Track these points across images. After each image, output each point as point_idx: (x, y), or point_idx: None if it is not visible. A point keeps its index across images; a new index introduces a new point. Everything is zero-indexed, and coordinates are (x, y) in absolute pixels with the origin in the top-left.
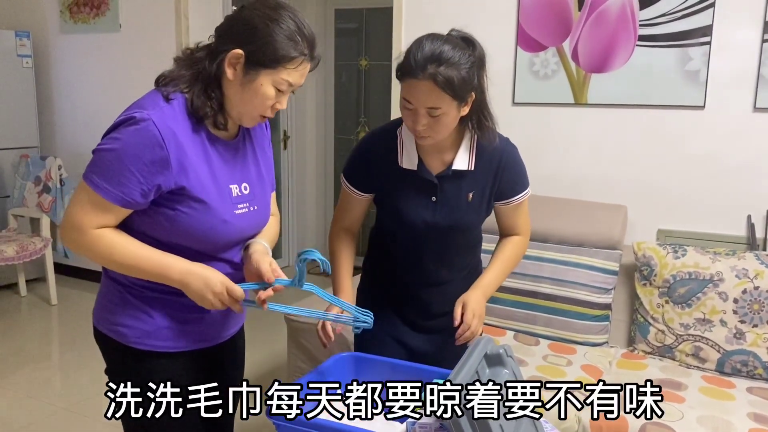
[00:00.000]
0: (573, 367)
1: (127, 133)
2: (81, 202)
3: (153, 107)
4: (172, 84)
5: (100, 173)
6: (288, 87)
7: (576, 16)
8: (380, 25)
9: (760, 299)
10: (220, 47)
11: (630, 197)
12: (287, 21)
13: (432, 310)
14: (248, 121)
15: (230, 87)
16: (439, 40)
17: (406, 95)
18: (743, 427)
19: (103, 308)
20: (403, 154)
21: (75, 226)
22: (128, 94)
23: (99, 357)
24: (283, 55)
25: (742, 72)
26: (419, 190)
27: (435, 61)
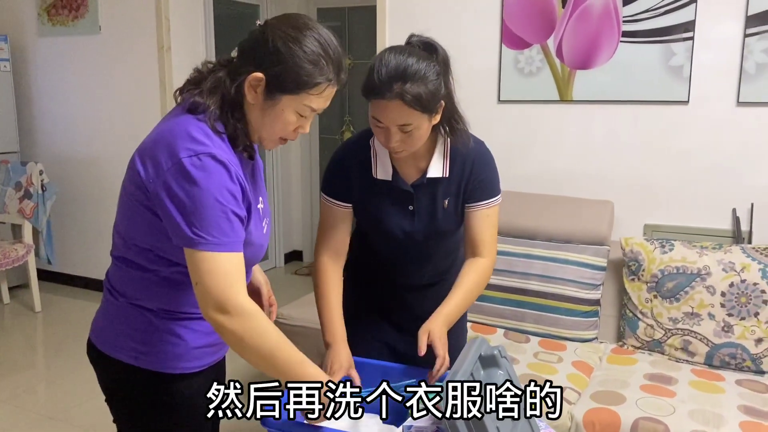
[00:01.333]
0: (564, 364)
1: (207, 177)
2: (216, 274)
3: (211, 143)
4: (207, 113)
5: (213, 229)
6: (311, 112)
7: (560, 13)
8: (363, 24)
9: (747, 292)
10: (241, 68)
11: (616, 193)
12: (311, 43)
13: (416, 312)
14: (269, 144)
15: (251, 110)
16: (401, 53)
17: (375, 114)
18: (734, 421)
19: (120, 334)
20: (377, 165)
21: (234, 306)
22: (109, 97)
23: (84, 365)
24: (306, 80)
25: (725, 67)
26: (396, 199)
27: (400, 79)
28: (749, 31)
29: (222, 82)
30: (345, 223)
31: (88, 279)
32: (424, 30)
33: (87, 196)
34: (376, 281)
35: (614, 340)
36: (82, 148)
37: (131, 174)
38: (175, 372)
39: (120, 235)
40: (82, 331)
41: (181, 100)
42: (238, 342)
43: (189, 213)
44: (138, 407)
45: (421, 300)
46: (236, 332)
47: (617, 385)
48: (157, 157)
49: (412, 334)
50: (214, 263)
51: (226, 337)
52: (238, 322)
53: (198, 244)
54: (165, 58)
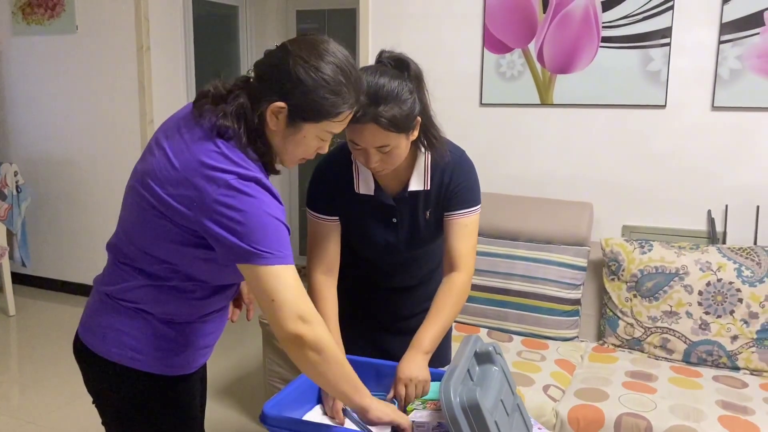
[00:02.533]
0: (547, 362)
1: (257, 195)
2: (292, 287)
3: (251, 167)
4: (237, 139)
5: (275, 243)
6: (331, 136)
7: (541, 18)
8: (343, 27)
9: (723, 291)
10: (262, 95)
11: (595, 194)
12: (332, 70)
13: (401, 312)
14: (290, 164)
15: (273, 136)
16: (373, 74)
17: (351, 138)
18: (713, 415)
19: (116, 337)
20: (359, 180)
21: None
22: (86, 97)
23: (60, 370)
24: (329, 111)
25: (701, 72)
26: (379, 213)
27: (374, 103)
28: (723, 38)
29: (245, 108)
30: (334, 237)
31: (63, 282)
32: (407, 34)
33: (63, 198)
34: (363, 285)
35: (595, 339)
36: (58, 149)
37: (152, 192)
38: (170, 374)
39: (133, 245)
40: (57, 335)
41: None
42: (317, 352)
43: (247, 231)
44: (130, 409)
45: (407, 300)
46: (318, 342)
47: (600, 383)
48: (196, 182)
49: (399, 332)
50: (281, 277)
51: (304, 351)
52: (320, 330)
53: (264, 258)
54: (144, 59)
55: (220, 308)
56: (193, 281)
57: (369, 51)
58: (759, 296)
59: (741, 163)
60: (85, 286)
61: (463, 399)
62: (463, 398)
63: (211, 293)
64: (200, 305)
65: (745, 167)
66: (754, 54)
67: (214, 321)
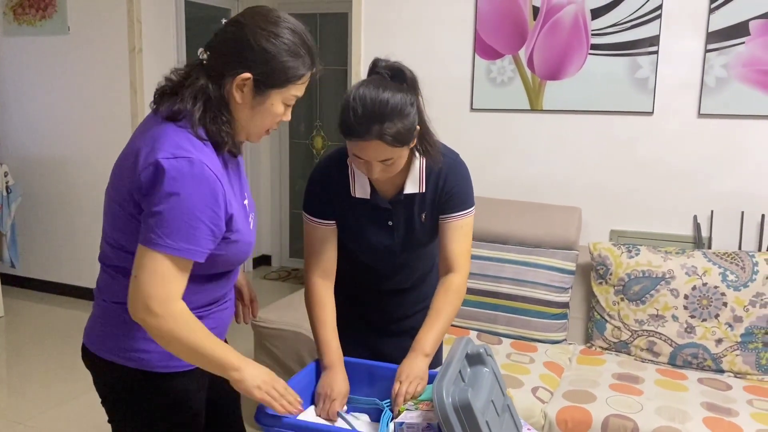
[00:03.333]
0: (536, 365)
1: (186, 185)
2: (158, 273)
3: (194, 148)
4: (188, 119)
5: (174, 236)
6: (295, 99)
7: (531, 25)
8: (334, 30)
9: (708, 295)
10: (224, 70)
11: (583, 199)
12: (289, 35)
13: (394, 314)
14: (255, 137)
15: (240, 110)
16: (375, 88)
17: (355, 152)
18: (698, 416)
19: (111, 336)
20: (355, 184)
21: (159, 301)
22: (77, 98)
23: (48, 371)
24: (293, 74)
25: (687, 80)
26: (375, 216)
27: (377, 120)
28: (710, 47)
29: (205, 88)
30: (331, 241)
31: (53, 283)
32: (398, 39)
33: (53, 199)
34: (357, 287)
35: (583, 342)
36: (48, 150)
37: (115, 183)
38: (163, 371)
39: (108, 242)
40: (46, 337)
41: (159, 109)
42: (160, 339)
43: (159, 214)
44: (128, 406)
45: (401, 302)
46: (160, 332)
47: (587, 385)
48: (137, 165)
49: (392, 334)
50: (159, 263)
51: (164, 335)
52: (165, 323)
53: (153, 244)
54: (136, 61)
55: (215, 301)
56: None
57: (361, 55)
58: (743, 300)
59: (726, 170)
60: (74, 287)
61: (455, 399)
62: (455, 399)
63: (197, 283)
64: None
65: (731, 174)
66: (740, 63)
67: (212, 317)
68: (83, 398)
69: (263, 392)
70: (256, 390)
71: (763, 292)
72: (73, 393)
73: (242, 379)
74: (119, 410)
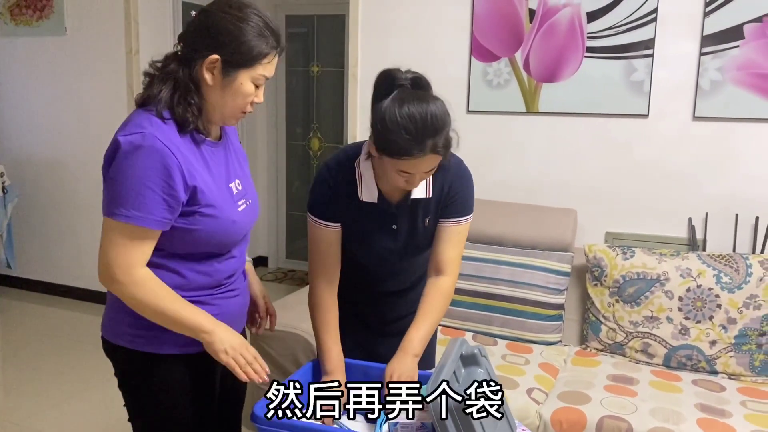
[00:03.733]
0: (531, 366)
1: (136, 157)
2: (114, 242)
3: (151, 125)
4: (155, 103)
5: (126, 204)
6: (264, 80)
7: (527, 28)
8: (331, 32)
9: (703, 297)
10: (194, 55)
11: (579, 201)
12: (254, 18)
13: (391, 315)
14: (231, 120)
15: (211, 92)
16: (416, 102)
17: (405, 169)
18: (692, 417)
19: (115, 321)
20: (362, 188)
21: (120, 269)
22: (74, 99)
23: (44, 371)
24: (258, 52)
25: (682, 83)
26: (380, 220)
27: (431, 135)
28: (704, 50)
29: (174, 72)
30: (336, 245)
31: (49, 284)
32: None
33: (50, 200)
34: (354, 289)
35: (578, 343)
36: (45, 150)
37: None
38: (167, 353)
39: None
40: (41, 337)
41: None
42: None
43: (114, 186)
44: (136, 389)
45: (397, 304)
46: (126, 297)
47: (582, 386)
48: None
49: (388, 335)
50: (116, 232)
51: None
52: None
53: (110, 214)
54: (133, 62)
55: (216, 286)
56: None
57: (358, 57)
58: (737, 302)
59: (721, 172)
60: (71, 288)
61: (450, 400)
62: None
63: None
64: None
65: (725, 176)
66: (734, 66)
67: (215, 304)
68: (80, 399)
69: (229, 357)
70: (222, 354)
71: (757, 294)
72: (69, 393)
73: (212, 342)
74: (128, 393)
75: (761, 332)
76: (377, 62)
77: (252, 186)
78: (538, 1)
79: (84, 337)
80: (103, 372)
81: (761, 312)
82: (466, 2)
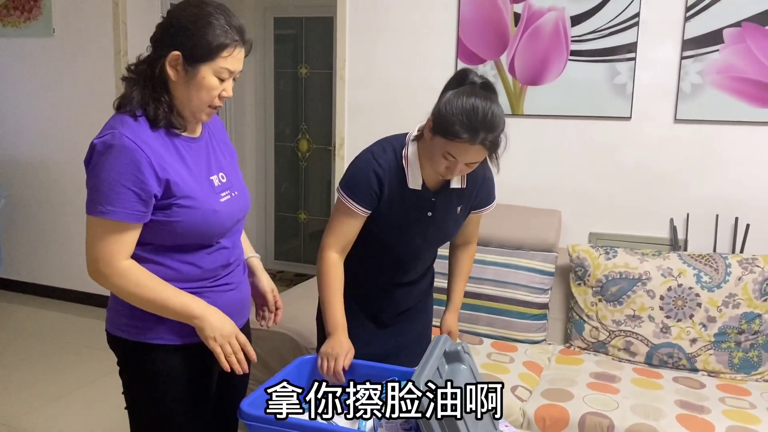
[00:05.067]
0: (515, 364)
1: (108, 156)
2: (96, 237)
3: (121, 125)
4: (129, 104)
5: (102, 200)
6: (229, 74)
7: (512, 32)
8: (319, 34)
9: (683, 296)
10: (158, 53)
11: (563, 202)
12: (214, 15)
13: (400, 307)
14: (201, 115)
15: (177, 87)
16: (481, 98)
17: (452, 152)
18: (671, 414)
19: (117, 313)
20: (410, 175)
21: (103, 262)
22: (62, 101)
23: (32, 372)
24: (217, 45)
25: (664, 86)
26: (418, 206)
27: (488, 130)
28: (685, 54)
29: (143, 72)
30: (358, 228)
31: (37, 285)
32: (382, 43)
33: (38, 201)
34: (372, 281)
35: (562, 342)
36: (33, 151)
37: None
38: (158, 342)
39: None
40: (29, 339)
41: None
42: (126, 293)
43: (90, 186)
44: (131, 377)
45: (408, 294)
46: (113, 288)
47: (565, 384)
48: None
49: (392, 329)
50: (97, 227)
51: (114, 291)
52: (115, 280)
53: (90, 212)
54: (121, 64)
55: (207, 278)
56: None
57: (346, 59)
58: (716, 301)
59: (702, 174)
60: (59, 289)
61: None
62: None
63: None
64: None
65: (706, 178)
66: (714, 70)
67: (208, 296)
68: (68, 399)
69: (216, 344)
70: (211, 340)
71: (736, 293)
72: (58, 394)
73: (202, 328)
74: (125, 382)
75: (740, 330)
76: (365, 64)
77: (240, 179)
78: (523, 5)
79: (72, 337)
80: (90, 372)
81: (740, 310)
82: (452, 6)
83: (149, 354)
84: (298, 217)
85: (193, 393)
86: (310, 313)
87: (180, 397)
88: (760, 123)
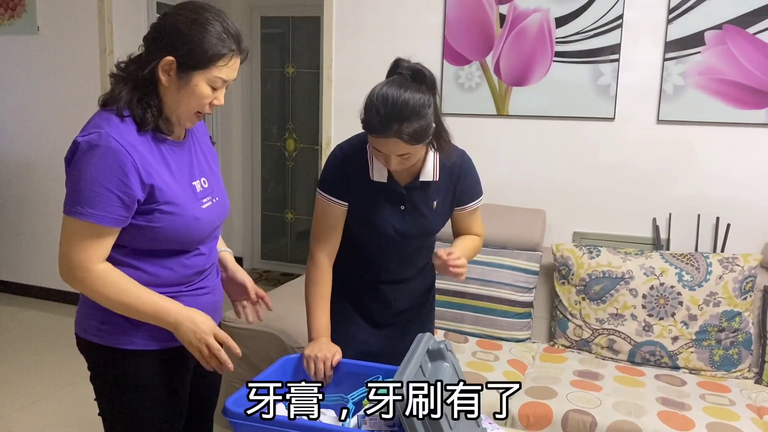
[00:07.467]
0: (500, 362)
1: (92, 156)
2: (72, 239)
3: (108, 125)
4: (116, 103)
5: (82, 202)
6: (222, 83)
7: (498, 33)
8: (306, 33)
9: (665, 294)
10: (151, 56)
11: (548, 202)
12: (212, 22)
13: (393, 306)
14: (187, 121)
15: (167, 92)
16: (396, 87)
17: (374, 146)
18: (653, 410)
19: (87, 316)
20: (373, 168)
21: (78, 265)
22: (47, 99)
23: (18, 372)
24: (213, 54)
25: (647, 87)
26: (389, 200)
27: (397, 120)
28: (668, 56)
29: (134, 73)
30: (341, 223)
31: (22, 285)
32: (369, 43)
33: (21, 201)
34: (358, 278)
35: (546, 340)
36: (17, 151)
37: None
38: (131, 348)
39: None
40: (14, 339)
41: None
42: (100, 297)
43: (69, 185)
44: (103, 383)
45: (400, 294)
46: (85, 290)
47: (549, 381)
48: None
49: (385, 328)
50: (75, 229)
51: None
52: (89, 282)
53: (68, 212)
54: (107, 62)
55: (183, 283)
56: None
57: (332, 59)
58: (698, 299)
59: (684, 174)
60: (42, 289)
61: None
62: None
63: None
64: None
65: (688, 178)
66: (696, 71)
67: (183, 299)
68: (51, 399)
69: (193, 347)
70: (187, 344)
71: (716, 292)
72: (42, 393)
73: (180, 330)
74: (96, 387)
75: (720, 328)
76: (352, 64)
77: (220, 184)
78: (508, 7)
79: (55, 337)
80: (74, 373)
81: (720, 309)
82: (438, 6)
83: (124, 359)
84: (285, 217)
85: (169, 397)
86: (297, 312)
87: (155, 404)
88: (741, 124)
